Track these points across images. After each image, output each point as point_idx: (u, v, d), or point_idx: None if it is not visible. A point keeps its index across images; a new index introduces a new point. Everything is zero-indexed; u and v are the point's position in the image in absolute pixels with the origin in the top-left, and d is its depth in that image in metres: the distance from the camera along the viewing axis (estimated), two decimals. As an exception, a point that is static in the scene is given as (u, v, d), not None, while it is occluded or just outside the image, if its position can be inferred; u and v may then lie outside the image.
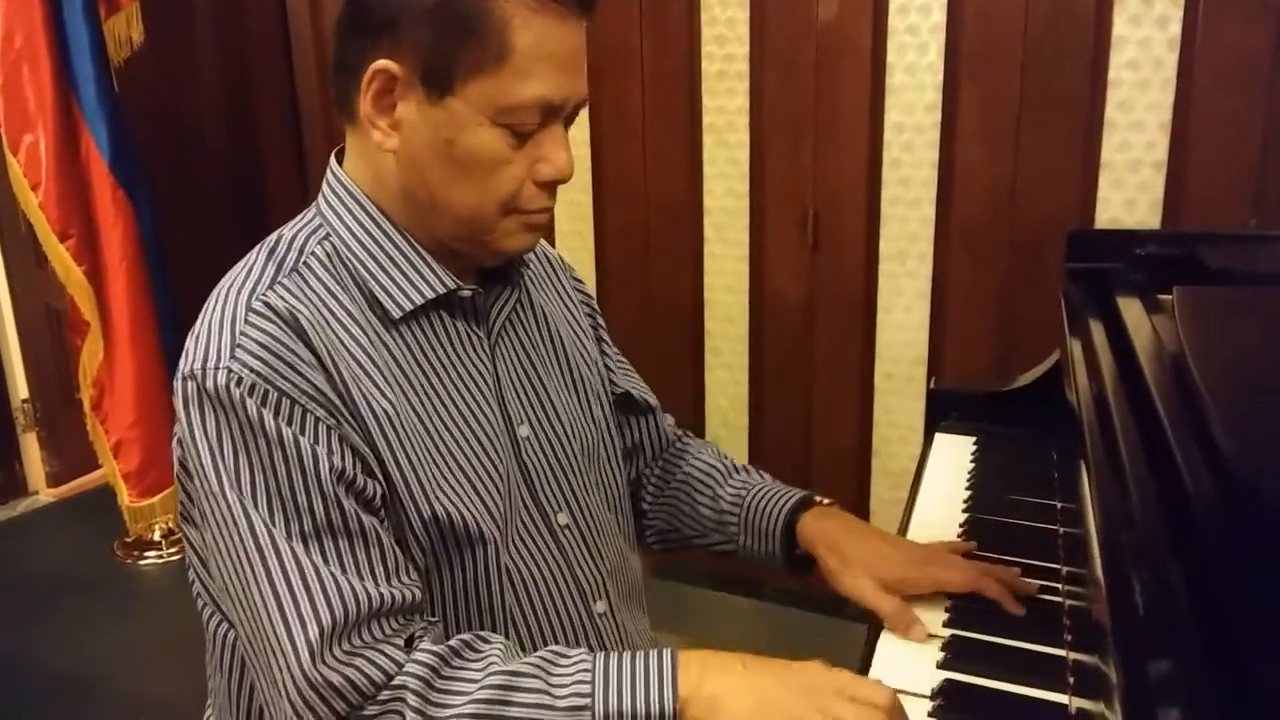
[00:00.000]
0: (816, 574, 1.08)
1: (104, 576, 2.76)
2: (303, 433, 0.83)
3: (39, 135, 2.49)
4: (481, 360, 0.98)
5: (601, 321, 1.19)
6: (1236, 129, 2.08)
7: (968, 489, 1.27)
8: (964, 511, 1.21)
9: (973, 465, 1.33)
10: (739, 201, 2.59)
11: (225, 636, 0.96)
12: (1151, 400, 0.87)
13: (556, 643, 0.99)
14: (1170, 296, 1.06)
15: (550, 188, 0.93)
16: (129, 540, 2.84)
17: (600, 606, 1.04)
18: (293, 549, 0.81)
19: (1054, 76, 2.21)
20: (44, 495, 3.21)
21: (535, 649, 0.88)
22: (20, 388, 3.14)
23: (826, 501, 1.12)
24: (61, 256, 2.55)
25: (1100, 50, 2.16)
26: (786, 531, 1.10)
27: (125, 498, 2.75)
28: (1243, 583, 0.62)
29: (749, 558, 1.14)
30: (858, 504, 2.64)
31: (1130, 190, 2.20)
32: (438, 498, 0.90)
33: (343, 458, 0.84)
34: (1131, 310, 1.12)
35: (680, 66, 2.56)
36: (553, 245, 2.81)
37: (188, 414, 0.85)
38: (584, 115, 2.67)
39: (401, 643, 0.83)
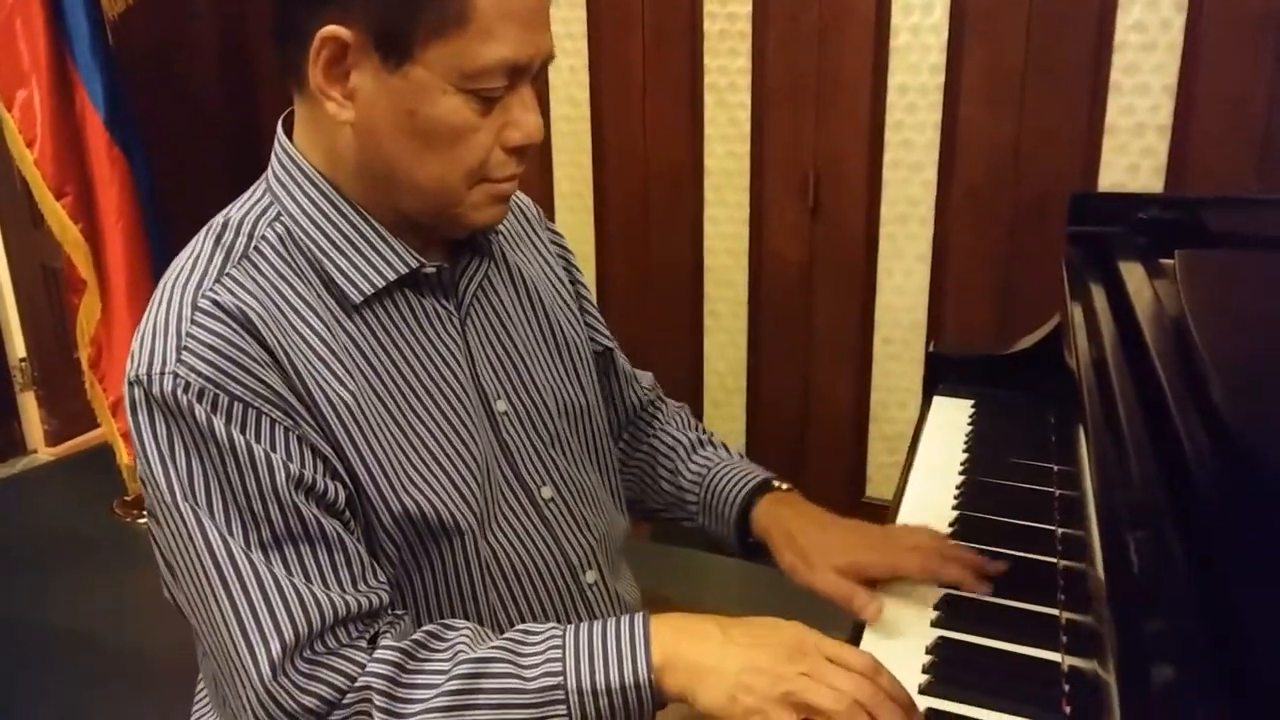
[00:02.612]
0: (773, 559, 1.04)
1: (103, 534, 2.77)
2: (257, 438, 0.79)
3: (33, 91, 2.46)
4: (451, 336, 0.93)
5: (580, 277, 1.14)
6: (1242, 93, 2.06)
7: (965, 452, 1.27)
8: (960, 474, 1.22)
9: (970, 428, 1.33)
10: (739, 163, 2.57)
11: None
12: (1152, 364, 0.87)
13: (548, 622, 0.96)
14: (1172, 261, 1.05)
15: (519, 154, 0.88)
16: (128, 498, 2.85)
17: (590, 576, 1.01)
18: (251, 560, 0.78)
19: (1059, 38, 2.19)
20: (42, 454, 3.22)
21: None
22: (18, 346, 3.13)
23: (785, 487, 1.09)
24: (57, 214, 2.53)
25: (1106, 11, 2.13)
26: (741, 517, 1.07)
27: (124, 456, 2.75)
28: (1239, 544, 0.62)
29: (710, 537, 1.13)
30: (855, 467, 2.65)
31: (1134, 154, 2.19)
32: (407, 491, 0.87)
33: (301, 461, 0.81)
34: (1133, 274, 1.11)
35: (682, 25, 2.53)
36: (552, 208, 2.82)
37: (136, 421, 0.81)
38: (584, 75, 2.66)
39: (365, 644, 0.81)
